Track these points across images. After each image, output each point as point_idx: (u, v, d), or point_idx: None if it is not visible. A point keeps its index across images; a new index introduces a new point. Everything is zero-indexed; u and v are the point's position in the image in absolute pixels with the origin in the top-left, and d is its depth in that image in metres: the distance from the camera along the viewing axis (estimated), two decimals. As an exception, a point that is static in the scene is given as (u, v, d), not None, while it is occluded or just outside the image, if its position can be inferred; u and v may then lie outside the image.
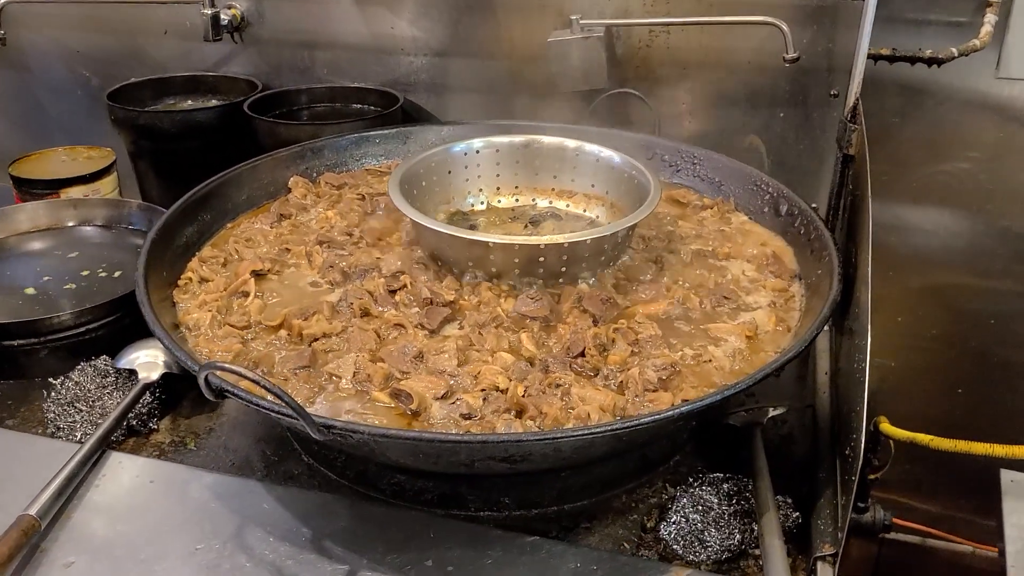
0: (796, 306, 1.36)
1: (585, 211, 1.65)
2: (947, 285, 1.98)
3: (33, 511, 1.12)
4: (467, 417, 1.10)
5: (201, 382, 1.02)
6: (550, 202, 1.68)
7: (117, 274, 1.72)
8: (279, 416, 1.01)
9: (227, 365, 0.99)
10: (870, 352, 1.08)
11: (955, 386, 2.08)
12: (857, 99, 1.53)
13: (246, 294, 1.37)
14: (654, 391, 1.15)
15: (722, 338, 1.28)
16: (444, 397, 1.14)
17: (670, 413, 1.03)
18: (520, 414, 1.11)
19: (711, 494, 1.22)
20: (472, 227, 1.60)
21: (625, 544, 1.19)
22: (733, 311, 1.34)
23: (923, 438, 2.10)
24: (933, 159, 1.89)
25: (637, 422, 1.01)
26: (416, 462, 1.13)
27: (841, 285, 1.27)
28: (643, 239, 1.51)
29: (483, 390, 1.15)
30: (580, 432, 1.00)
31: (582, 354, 1.22)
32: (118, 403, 1.40)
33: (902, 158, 1.90)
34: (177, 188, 2.09)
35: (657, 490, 1.28)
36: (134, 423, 1.39)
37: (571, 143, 1.63)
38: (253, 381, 0.97)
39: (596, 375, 1.19)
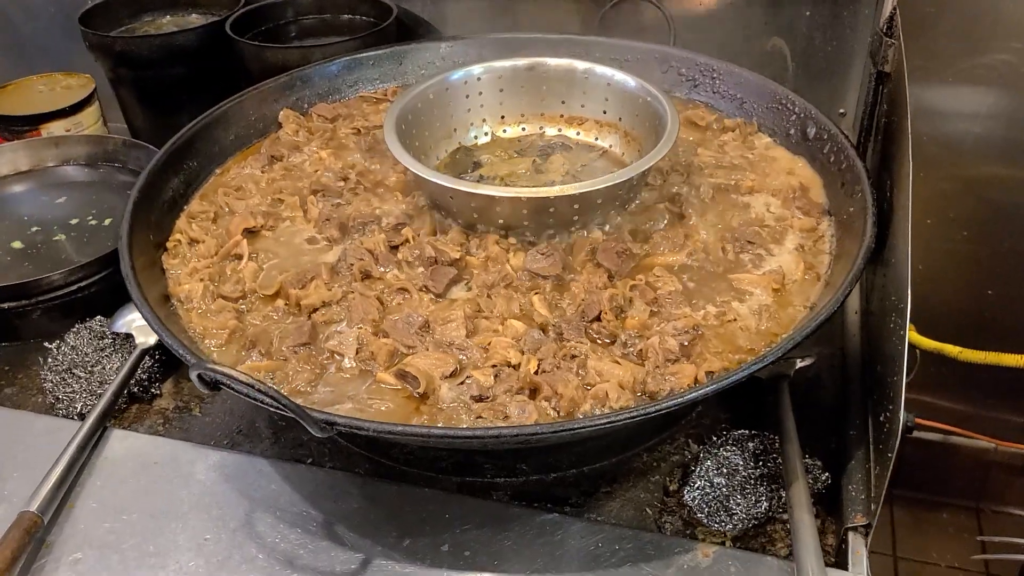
0: (825, 248, 1.27)
1: (597, 139, 1.54)
2: (980, 177, 1.88)
3: (34, 507, 1.08)
4: (478, 399, 1.04)
5: (194, 380, 0.96)
6: (559, 130, 1.56)
7: (107, 221, 1.64)
8: (277, 410, 0.96)
9: (218, 367, 0.92)
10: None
11: (985, 287, 2.01)
12: (894, 9, 1.38)
13: (239, 257, 1.29)
14: (676, 361, 1.07)
15: (747, 291, 1.20)
16: (453, 375, 1.08)
17: (692, 395, 0.97)
18: (534, 393, 1.05)
19: (736, 454, 1.16)
20: (477, 164, 1.49)
21: (648, 509, 1.15)
22: (758, 257, 1.25)
23: (951, 350, 2.04)
24: (971, 51, 1.74)
25: (656, 407, 0.95)
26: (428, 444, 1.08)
27: (875, 229, 1.17)
28: (660, 172, 1.41)
29: (494, 366, 1.08)
30: (597, 422, 0.94)
31: (598, 318, 1.14)
32: (117, 368, 1.35)
33: (938, 50, 1.76)
34: (163, 115, 2.00)
35: (679, 446, 1.24)
36: (135, 390, 1.35)
37: (580, 65, 1.50)
38: (247, 385, 0.91)
39: (614, 342, 1.12)
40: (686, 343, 1.10)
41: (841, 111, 1.89)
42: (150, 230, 1.31)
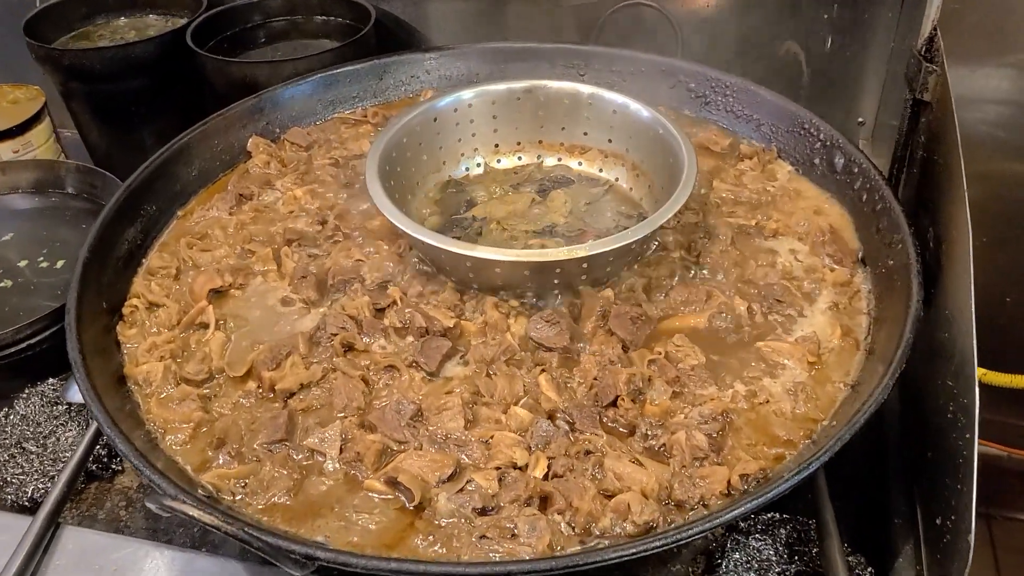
0: (863, 307, 1.14)
1: (601, 171, 1.39)
2: (1001, 176, 1.75)
3: (-25, 636, 0.95)
4: (481, 512, 0.91)
5: (155, 509, 0.83)
6: (559, 159, 1.41)
7: (60, 263, 1.48)
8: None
9: (176, 505, 0.78)
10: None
11: (1003, 294, 1.90)
12: (935, 29, 1.24)
13: (205, 326, 1.14)
14: (705, 459, 0.94)
15: (778, 362, 1.06)
16: (452, 479, 0.94)
17: (729, 515, 0.84)
18: (545, 503, 0.92)
19: (767, 545, 1.05)
20: (470, 203, 1.34)
21: (671, 608, 1.03)
22: (788, 319, 1.12)
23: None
24: (999, 48, 1.61)
25: (689, 532, 0.83)
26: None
27: (923, 293, 1.04)
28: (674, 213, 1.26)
29: (498, 468, 0.95)
30: (624, 554, 0.81)
31: (614, 403, 1.01)
32: (73, 441, 1.22)
33: (963, 50, 1.62)
34: (122, 130, 1.83)
35: (702, 527, 1.11)
36: (94, 468, 1.21)
37: (585, 90, 1.35)
38: (212, 527, 0.78)
39: (632, 433, 0.99)
40: (715, 434, 0.97)
41: (860, 120, 1.75)
42: (103, 294, 1.16)
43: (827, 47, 1.69)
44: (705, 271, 1.19)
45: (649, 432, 0.98)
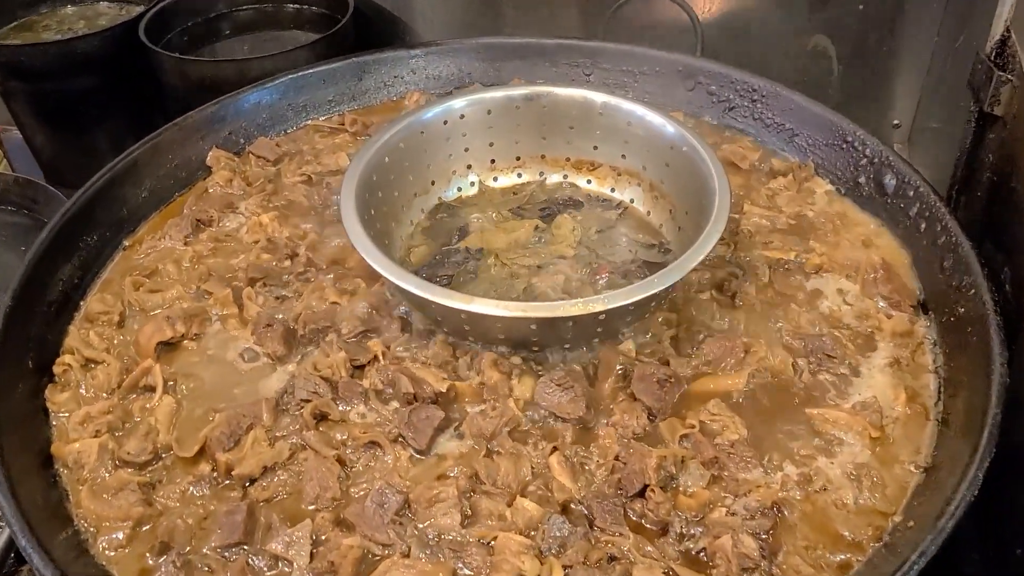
0: (928, 363, 0.97)
1: (614, 191, 1.21)
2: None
3: None
4: (484, 644, 0.74)
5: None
6: (564, 176, 1.23)
7: (-8, 295, 1.29)
8: None
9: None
10: None
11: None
12: (1008, 30, 1.06)
13: (151, 389, 0.96)
14: (755, 568, 0.78)
15: (834, 436, 0.90)
16: (447, 595, 0.77)
17: (797, 659, 0.67)
18: (561, 629, 0.75)
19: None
20: (463, 232, 1.16)
21: None
22: (842, 379, 0.95)
23: None
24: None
25: None
26: None
27: (1006, 353, 0.87)
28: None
29: (503, 581, 0.78)
30: None
31: (641, 493, 0.84)
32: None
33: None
34: (71, 133, 1.64)
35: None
36: (26, 547, 1.03)
37: (598, 98, 1.17)
38: None
39: (665, 532, 0.82)
40: (765, 535, 0.80)
41: (895, 123, 1.58)
42: (30, 350, 0.98)
43: (862, 42, 1.51)
44: (740, 317, 1.02)
45: (685, 531, 0.81)
